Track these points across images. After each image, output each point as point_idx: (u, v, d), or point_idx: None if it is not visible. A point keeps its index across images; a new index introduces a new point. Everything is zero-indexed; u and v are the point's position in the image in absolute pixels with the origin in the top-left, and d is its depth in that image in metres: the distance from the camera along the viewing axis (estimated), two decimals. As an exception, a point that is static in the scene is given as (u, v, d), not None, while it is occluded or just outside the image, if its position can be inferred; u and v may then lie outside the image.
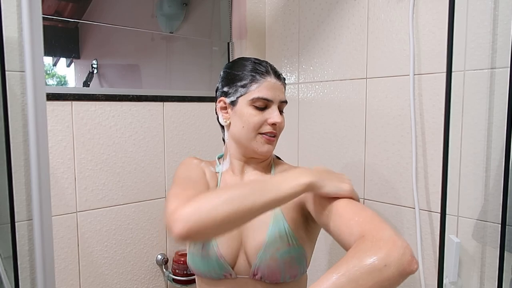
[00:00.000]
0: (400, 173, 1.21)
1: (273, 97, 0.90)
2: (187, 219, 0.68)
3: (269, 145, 0.92)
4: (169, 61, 1.49)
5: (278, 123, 0.90)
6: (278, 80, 0.92)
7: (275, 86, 0.91)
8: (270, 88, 0.90)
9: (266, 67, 0.92)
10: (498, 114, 0.99)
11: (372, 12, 1.25)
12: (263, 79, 0.90)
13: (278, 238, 0.87)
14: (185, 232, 0.67)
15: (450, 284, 1.06)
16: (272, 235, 0.87)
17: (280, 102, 0.92)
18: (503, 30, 0.98)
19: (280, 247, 0.86)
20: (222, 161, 1.00)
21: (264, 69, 0.92)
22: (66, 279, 1.17)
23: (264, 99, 0.89)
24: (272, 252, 0.85)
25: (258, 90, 0.89)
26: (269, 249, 0.86)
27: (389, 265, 0.59)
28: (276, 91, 0.91)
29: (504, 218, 0.93)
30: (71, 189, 1.17)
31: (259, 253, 0.86)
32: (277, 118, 0.89)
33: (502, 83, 0.98)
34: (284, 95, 0.94)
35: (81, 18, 1.28)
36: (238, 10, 1.55)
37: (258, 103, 0.90)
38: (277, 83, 0.92)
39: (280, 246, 0.86)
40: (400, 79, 1.19)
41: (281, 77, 0.94)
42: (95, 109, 1.21)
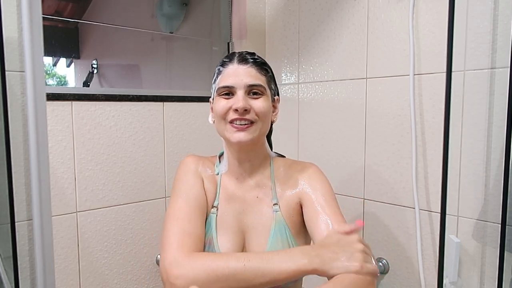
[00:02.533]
0: (400, 173, 1.21)
1: (234, 82, 0.84)
2: (188, 279, 0.72)
3: (239, 133, 0.84)
4: (169, 61, 1.49)
5: (240, 108, 0.82)
6: (242, 64, 0.86)
7: (238, 71, 0.85)
8: (232, 74, 0.85)
9: (229, 56, 0.89)
10: (498, 114, 0.99)
11: (372, 12, 1.25)
12: (225, 68, 0.87)
13: (280, 243, 0.87)
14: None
15: (450, 284, 1.06)
16: (274, 240, 0.87)
17: (247, 86, 0.84)
18: (503, 30, 0.98)
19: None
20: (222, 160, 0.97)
21: (228, 58, 0.88)
22: (66, 279, 1.17)
23: (225, 87, 0.85)
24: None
25: (221, 80, 0.87)
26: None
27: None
28: (239, 75, 0.85)
29: (504, 218, 0.93)
30: (71, 189, 1.17)
31: None
32: (238, 103, 0.82)
33: (502, 83, 0.98)
34: (253, 78, 0.85)
35: (81, 18, 1.28)
36: (238, 10, 1.55)
37: (222, 92, 0.86)
38: (241, 67, 0.86)
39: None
40: (400, 79, 1.19)
41: (249, 59, 0.87)
42: (95, 109, 1.21)
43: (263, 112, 0.85)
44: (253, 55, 0.89)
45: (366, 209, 1.30)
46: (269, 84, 0.90)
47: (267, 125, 0.89)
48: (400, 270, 1.23)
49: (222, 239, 0.88)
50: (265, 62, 0.91)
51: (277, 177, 0.94)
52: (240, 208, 0.91)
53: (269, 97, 0.89)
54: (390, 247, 1.25)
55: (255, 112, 0.84)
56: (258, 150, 0.92)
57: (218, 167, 0.96)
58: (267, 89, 0.88)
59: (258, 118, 0.85)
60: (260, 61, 0.89)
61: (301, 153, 1.49)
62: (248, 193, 0.92)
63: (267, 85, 0.89)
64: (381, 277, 1.27)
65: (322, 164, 1.39)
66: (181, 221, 0.83)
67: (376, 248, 1.28)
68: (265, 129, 0.89)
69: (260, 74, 0.87)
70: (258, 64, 0.88)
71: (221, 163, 0.96)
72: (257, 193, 0.92)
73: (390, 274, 1.25)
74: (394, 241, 1.23)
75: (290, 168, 0.95)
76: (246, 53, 0.89)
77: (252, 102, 0.85)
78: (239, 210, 0.91)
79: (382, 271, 1.26)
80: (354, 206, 1.33)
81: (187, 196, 0.87)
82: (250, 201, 0.92)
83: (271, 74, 0.92)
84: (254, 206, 0.91)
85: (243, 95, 0.84)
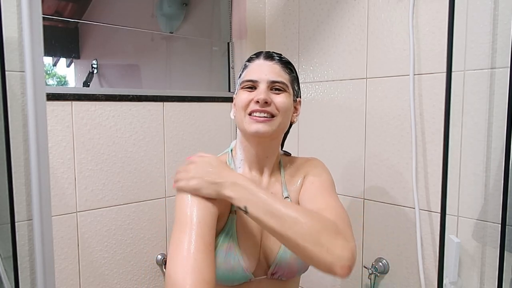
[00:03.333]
0: (400, 173, 1.21)
1: (258, 77, 0.86)
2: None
3: (257, 124, 0.83)
4: (169, 61, 1.49)
5: (261, 99, 0.83)
6: (267, 60, 0.88)
7: (263, 66, 0.87)
8: (256, 69, 0.87)
9: (258, 53, 0.91)
10: (498, 114, 0.99)
11: (372, 12, 1.25)
12: (251, 63, 0.89)
13: None
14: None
15: (450, 284, 1.06)
16: None
17: (270, 82, 0.85)
18: (503, 30, 0.98)
19: None
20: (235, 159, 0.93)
21: (256, 55, 0.90)
22: (66, 279, 1.17)
23: (249, 80, 0.87)
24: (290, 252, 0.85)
25: (246, 74, 0.89)
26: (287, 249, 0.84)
27: (329, 250, 0.69)
28: (262, 71, 0.86)
29: (504, 218, 0.93)
30: (71, 189, 1.17)
31: (279, 252, 0.86)
32: (260, 95, 0.83)
33: (502, 83, 0.98)
34: (276, 75, 0.86)
35: (81, 18, 1.28)
36: (238, 10, 1.55)
37: (245, 86, 0.87)
38: (266, 62, 0.87)
39: None
40: (400, 79, 1.19)
41: (275, 57, 0.89)
42: (95, 109, 1.21)
43: (284, 107, 0.86)
44: (279, 54, 0.91)
45: (366, 209, 1.30)
46: (292, 83, 0.90)
47: (286, 121, 0.89)
48: (400, 270, 1.23)
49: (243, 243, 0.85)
50: (291, 62, 0.92)
51: (287, 173, 0.96)
52: None
53: (291, 95, 0.89)
54: (390, 247, 1.25)
55: (276, 106, 0.85)
56: (274, 146, 0.92)
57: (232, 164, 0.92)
58: (289, 88, 0.89)
59: (278, 112, 0.85)
60: (286, 60, 0.90)
61: (301, 153, 1.49)
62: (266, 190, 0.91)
63: (290, 83, 0.89)
64: (381, 277, 1.27)
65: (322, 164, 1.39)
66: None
67: (376, 248, 1.28)
68: (284, 126, 0.89)
69: (284, 72, 0.88)
70: (283, 62, 0.89)
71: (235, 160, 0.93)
72: (272, 189, 0.93)
73: (390, 274, 1.25)
74: (394, 241, 1.23)
75: (295, 162, 0.98)
76: (273, 51, 0.92)
77: (273, 96, 0.85)
78: None
79: (382, 271, 1.26)
80: (354, 206, 1.33)
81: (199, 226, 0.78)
82: None
83: (295, 75, 0.92)
84: None
85: (266, 89, 0.85)
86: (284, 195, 0.92)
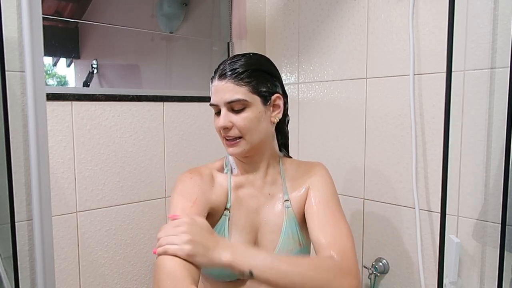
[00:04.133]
0: (400, 173, 1.21)
1: (216, 100, 0.87)
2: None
3: (230, 148, 0.87)
4: (169, 61, 1.49)
5: (219, 128, 0.86)
6: (220, 80, 0.85)
7: (218, 88, 0.86)
8: (214, 92, 0.87)
9: (216, 70, 0.89)
10: (498, 114, 0.99)
11: (372, 12, 1.25)
12: (211, 85, 0.89)
13: (291, 239, 0.89)
14: None
15: (450, 284, 1.06)
16: (286, 236, 0.89)
17: (227, 103, 0.85)
18: (503, 30, 0.98)
19: (293, 248, 0.89)
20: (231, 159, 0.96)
21: (214, 73, 0.89)
22: (66, 279, 1.17)
23: (211, 105, 0.89)
24: (286, 253, 0.88)
25: (211, 95, 0.89)
26: (283, 250, 0.88)
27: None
28: (219, 93, 0.85)
29: (504, 218, 0.93)
30: (71, 189, 1.17)
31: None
32: (220, 122, 0.86)
33: (502, 83, 0.98)
34: (231, 94, 0.84)
35: (81, 18, 1.28)
36: (238, 10, 1.55)
37: (214, 109, 0.90)
38: (220, 84, 0.85)
39: (293, 247, 0.89)
40: (400, 79, 1.19)
41: (227, 74, 0.84)
42: (95, 109, 1.21)
43: (245, 127, 0.85)
44: (234, 64, 0.86)
45: (366, 209, 1.30)
46: (256, 89, 0.86)
47: (258, 133, 0.87)
48: (400, 270, 1.23)
49: (235, 240, 0.89)
50: (247, 69, 0.85)
51: (287, 174, 0.96)
52: (253, 206, 0.92)
53: (256, 105, 0.86)
54: (390, 247, 1.25)
55: (238, 128, 0.85)
56: (262, 152, 0.93)
57: (228, 166, 0.96)
58: (251, 99, 0.85)
59: (242, 133, 0.86)
60: (239, 71, 0.84)
61: (301, 153, 1.49)
62: (260, 190, 0.93)
63: (251, 93, 0.85)
64: (381, 277, 1.27)
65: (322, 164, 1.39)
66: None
67: (376, 248, 1.28)
68: (258, 138, 0.88)
69: (240, 86, 0.84)
70: (236, 75, 0.84)
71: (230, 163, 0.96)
72: (268, 190, 0.94)
73: (390, 274, 1.25)
74: (394, 241, 1.23)
75: (299, 167, 0.98)
76: (229, 62, 0.87)
77: (234, 118, 0.85)
78: (252, 209, 0.92)
79: (382, 271, 1.26)
80: (354, 206, 1.33)
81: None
82: (262, 198, 0.93)
83: (260, 76, 0.87)
84: (267, 203, 0.93)
85: (225, 113, 0.85)
86: (284, 198, 0.93)
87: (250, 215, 0.92)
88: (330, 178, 0.95)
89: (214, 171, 0.94)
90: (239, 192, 0.93)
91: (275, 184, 0.94)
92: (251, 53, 0.91)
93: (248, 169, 0.94)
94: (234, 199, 0.92)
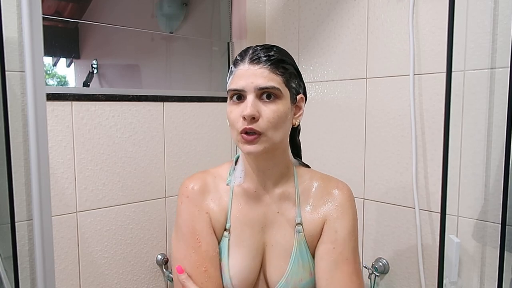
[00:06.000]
0: (400, 173, 1.21)
1: (243, 85, 0.75)
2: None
3: (248, 145, 0.75)
4: (169, 61, 1.49)
5: (247, 116, 0.73)
6: (253, 64, 0.75)
7: (248, 72, 0.75)
8: (241, 76, 0.75)
9: (242, 54, 0.78)
10: (498, 114, 0.99)
11: (372, 12, 1.25)
12: (236, 69, 0.78)
13: (302, 268, 0.81)
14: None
15: (450, 284, 1.06)
16: (295, 263, 0.81)
17: (258, 89, 0.74)
18: (503, 30, 0.98)
19: (302, 277, 0.81)
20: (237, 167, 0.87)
21: (240, 57, 0.78)
22: (66, 279, 1.17)
23: (234, 90, 0.76)
24: (294, 283, 0.80)
25: (231, 81, 0.78)
26: (292, 279, 0.80)
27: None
28: (249, 77, 0.74)
29: (504, 218, 0.93)
30: (71, 189, 1.17)
31: (280, 281, 0.81)
32: (245, 110, 0.73)
33: (502, 83, 0.98)
34: (266, 80, 0.74)
35: (81, 18, 1.28)
36: (238, 10, 1.55)
37: (232, 95, 0.77)
38: (252, 68, 0.75)
39: (303, 276, 0.81)
40: (400, 79, 1.19)
41: (261, 59, 0.75)
42: (95, 109, 1.21)
43: (276, 119, 0.75)
44: (268, 51, 0.77)
45: (366, 209, 1.30)
46: (288, 83, 0.78)
47: (281, 132, 0.78)
48: (400, 270, 1.23)
49: (236, 265, 0.81)
50: (283, 59, 0.78)
51: (303, 191, 0.85)
52: (258, 225, 0.83)
53: (287, 99, 0.78)
54: (390, 247, 1.25)
55: (266, 120, 0.74)
56: (278, 158, 0.82)
57: (231, 176, 0.86)
58: (284, 90, 0.77)
59: (267, 127, 0.75)
60: (276, 59, 0.76)
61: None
62: (269, 207, 0.83)
63: (284, 85, 0.77)
64: (381, 277, 1.27)
65: (322, 164, 1.40)
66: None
67: (376, 248, 1.28)
68: (280, 137, 0.78)
69: (275, 75, 0.76)
70: (273, 62, 0.76)
71: (235, 170, 0.86)
72: (278, 207, 0.84)
73: (390, 274, 1.25)
74: (394, 241, 1.23)
75: (318, 182, 0.87)
76: (261, 49, 0.78)
77: (263, 108, 0.75)
78: (257, 228, 0.83)
79: (382, 271, 1.26)
80: (354, 206, 1.33)
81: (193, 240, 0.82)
82: (270, 216, 0.83)
83: (291, 71, 0.80)
84: (275, 222, 0.83)
85: (253, 100, 0.74)
86: (296, 221, 0.83)
87: (255, 234, 0.83)
88: (354, 209, 0.85)
89: (218, 180, 0.86)
90: (243, 207, 0.84)
91: (287, 201, 0.84)
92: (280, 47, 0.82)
93: (256, 179, 0.83)
94: (235, 216, 0.83)
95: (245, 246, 0.82)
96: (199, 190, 0.84)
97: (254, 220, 0.83)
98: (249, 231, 0.83)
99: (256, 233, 0.83)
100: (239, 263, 0.81)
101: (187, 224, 0.83)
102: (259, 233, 0.83)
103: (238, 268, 0.81)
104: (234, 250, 0.82)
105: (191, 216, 0.83)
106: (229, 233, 0.83)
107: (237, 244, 0.82)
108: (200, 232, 0.81)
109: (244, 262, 0.82)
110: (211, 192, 0.85)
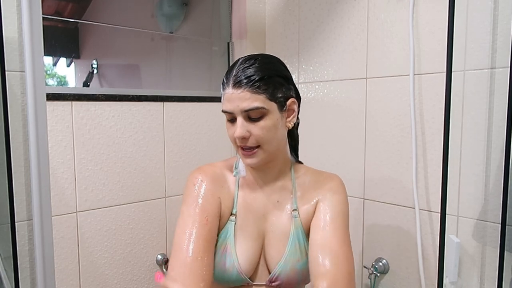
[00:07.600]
0: (400, 173, 1.21)
1: (231, 109, 0.81)
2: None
3: (247, 159, 0.84)
4: (169, 61, 1.49)
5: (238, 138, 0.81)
6: (236, 88, 0.80)
7: (233, 96, 0.81)
8: (228, 99, 0.82)
9: (228, 76, 0.83)
10: (498, 114, 0.99)
11: (372, 12, 1.25)
12: (224, 91, 0.84)
13: (298, 249, 0.88)
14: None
15: (450, 284, 1.06)
16: (293, 246, 0.88)
17: (244, 112, 0.80)
18: (503, 30, 0.98)
19: (300, 258, 0.87)
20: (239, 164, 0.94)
21: (226, 79, 0.84)
22: (66, 279, 1.17)
23: (225, 112, 0.84)
24: (292, 264, 0.86)
25: (223, 103, 0.84)
26: (290, 260, 0.87)
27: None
28: (235, 101, 0.80)
29: (504, 218, 0.93)
30: (71, 189, 1.17)
31: (279, 263, 0.87)
32: (237, 132, 0.81)
33: (502, 83, 0.98)
34: (249, 102, 0.79)
35: (81, 18, 1.28)
36: (238, 10, 1.55)
37: (226, 116, 0.85)
38: (235, 92, 0.80)
39: (300, 257, 0.88)
40: (400, 79, 1.19)
41: (242, 82, 0.80)
42: (95, 109, 1.21)
43: (263, 137, 0.82)
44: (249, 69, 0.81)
45: (366, 209, 1.30)
46: (273, 96, 0.82)
47: (275, 141, 0.85)
48: (400, 270, 1.23)
49: (241, 246, 0.88)
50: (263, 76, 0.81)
51: (299, 183, 0.93)
52: (260, 213, 0.91)
53: (274, 111, 0.83)
54: (390, 247, 1.25)
55: (255, 138, 0.82)
56: (276, 159, 0.90)
57: (237, 169, 0.93)
58: (269, 106, 0.82)
59: (259, 142, 0.82)
60: (255, 79, 0.80)
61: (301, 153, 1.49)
62: (269, 197, 0.92)
63: (269, 100, 0.81)
64: (381, 277, 1.27)
65: (322, 164, 1.40)
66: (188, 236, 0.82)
67: (376, 248, 1.28)
68: (275, 146, 0.86)
69: (258, 94, 0.80)
70: (252, 83, 0.80)
71: (240, 164, 0.94)
72: (277, 197, 0.92)
73: (390, 274, 1.25)
74: (394, 241, 1.23)
75: (312, 177, 0.94)
76: (243, 68, 0.82)
77: (252, 127, 0.81)
78: (259, 215, 0.91)
79: (382, 271, 1.26)
80: (354, 206, 1.33)
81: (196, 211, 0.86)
82: (270, 205, 0.91)
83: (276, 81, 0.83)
84: (274, 210, 0.91)
85: (242, 122, 0.81)
86: (292, 207, 0.91)
87: (257, 221, 0.90)
88: (345, 194, 0.91)
89: (225, 171, 0.93)
90: (247, 196, 0.91)
91: (285, 191, 0.92)
92: (263, 55, 0.87)
93: (258, 173, 0.92)
94: (241, 204, 0.91)
95: (248, 230, 0.90)
96: (211, 176, 0.91)
97: (257, 208, 0.91)
98: (252, 218, 0.90)
99: (258, 219, 0.91)
100: (243, 243, 0.88)
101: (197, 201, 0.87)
102: (260, 219, 0.91)
103: (243, 249, 0.88)
104: (239, 233, 0.89)
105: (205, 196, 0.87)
106: (235, 218, 0.90)
107: (241, 228, 0.89)
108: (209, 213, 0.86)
109: (248, 243, 0.89)
110: (221, 180, 0.92)
